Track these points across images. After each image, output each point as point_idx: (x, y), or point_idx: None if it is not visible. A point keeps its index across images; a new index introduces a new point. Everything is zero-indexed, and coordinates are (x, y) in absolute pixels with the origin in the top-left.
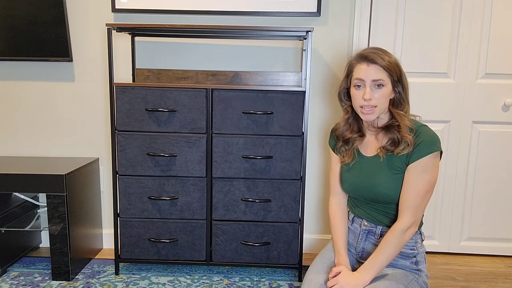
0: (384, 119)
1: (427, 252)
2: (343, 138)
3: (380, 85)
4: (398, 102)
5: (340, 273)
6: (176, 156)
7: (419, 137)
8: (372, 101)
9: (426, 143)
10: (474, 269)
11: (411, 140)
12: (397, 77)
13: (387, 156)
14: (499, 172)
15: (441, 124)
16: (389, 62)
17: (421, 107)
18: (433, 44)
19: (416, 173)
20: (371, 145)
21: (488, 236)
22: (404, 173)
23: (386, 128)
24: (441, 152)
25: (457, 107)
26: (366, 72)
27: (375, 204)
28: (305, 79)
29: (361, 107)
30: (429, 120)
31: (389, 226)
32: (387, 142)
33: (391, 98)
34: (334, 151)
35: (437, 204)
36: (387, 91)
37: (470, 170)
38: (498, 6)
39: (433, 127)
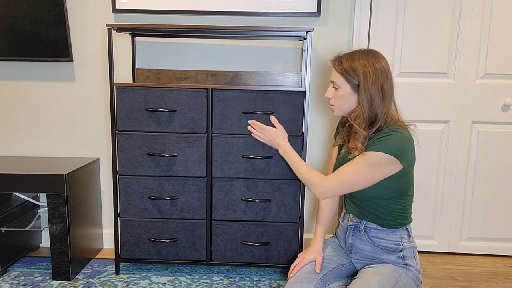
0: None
1: (426, 252)
2: (341, 121)
3: (335, 87)
4: (359, 114)
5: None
6: (176, 156)
7: (386, 135)
8: (331, 100)
9: (383, 143)
10: (474, 269)
11: (361, 148)
12: (357, 83)
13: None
14: (499, 172)
15: (441, 124)
16: (345, 67)
17: (420, 107)
18: (433, 44)
19: (359, 158)
20: (352, 142)
21: (488, 236)
22: None
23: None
24: (405, 166)
25: (456, 107)
26: (331, 73)
27: (356, 199)
28: (305, 79)
29: None
30: (429, 120)
31: (371, 221)
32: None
33: (355, 108)
34: (334, 142)
35: (437, 204)
36: (341, 93)
37: (470, 170)
38: (498, 6)
39: (433, 127)
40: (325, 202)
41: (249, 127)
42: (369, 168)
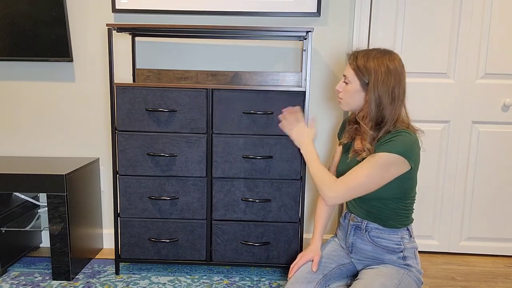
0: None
1: (426, 252)
2: (349, 118)
3: (346, 82)
4: (366, 114)
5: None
6: (176, 156)
7: (394, 136)
8: (340, 93)
9: (391, 143)
10: (474, 269)
11: (369, 149)
12: (367, 81)
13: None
14: (499, 172)
15: (441, 124)
16: (358, 64)
17: (420, 107)
18: (433, 44)
19: (368, 161)
20: (359, 142)
21: (488, 236)
22: None
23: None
24: (412, 167)
25: (456, 107)
26: (345, 67)
27: (361, 200)
28: (305, 79)
29: None
30: (429, 120)
31: (373, 221)
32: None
33: (362, 106)
34: (339, 140)
35: (437, 203)
36: (350, 88)
37: (470, 170)
38: (498, 6)
39: (433, 127)
40: (323, 202)
41: (280, 116)
42: (379, 170)
